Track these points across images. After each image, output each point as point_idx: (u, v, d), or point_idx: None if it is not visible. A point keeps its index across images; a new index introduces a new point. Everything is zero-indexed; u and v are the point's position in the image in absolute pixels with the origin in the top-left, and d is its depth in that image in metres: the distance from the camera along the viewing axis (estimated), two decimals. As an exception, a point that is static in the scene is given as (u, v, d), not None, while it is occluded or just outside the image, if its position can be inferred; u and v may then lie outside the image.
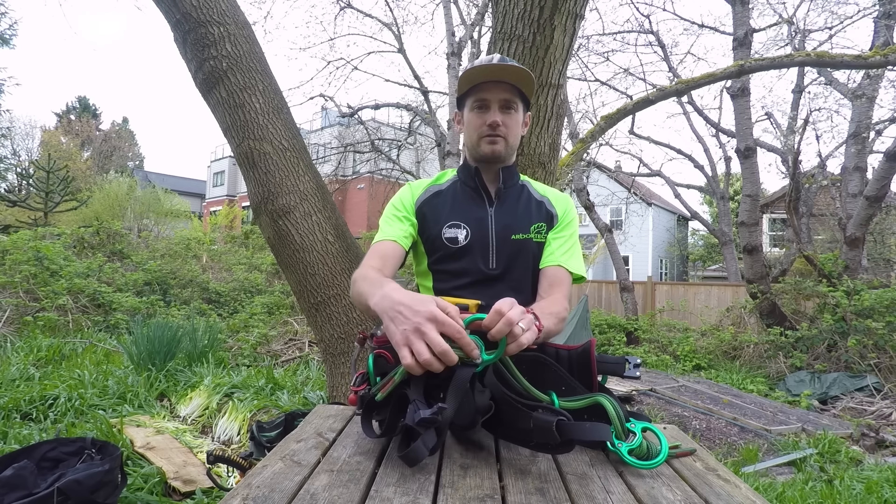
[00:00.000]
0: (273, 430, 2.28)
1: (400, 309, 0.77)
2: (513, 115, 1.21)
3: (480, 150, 1.23)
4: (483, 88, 1.19)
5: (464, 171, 1.29)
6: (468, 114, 1.24)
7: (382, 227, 1.24)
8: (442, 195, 1.27)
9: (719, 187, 12.33)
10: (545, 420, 0.75)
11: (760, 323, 6.79)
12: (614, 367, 0.94)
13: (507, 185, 1.27)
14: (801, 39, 9.05)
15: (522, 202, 1.27)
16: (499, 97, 1.19)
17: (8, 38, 14.61)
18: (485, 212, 1.23)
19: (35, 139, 28.49)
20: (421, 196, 1.27)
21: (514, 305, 0.81)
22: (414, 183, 1.33)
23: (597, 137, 4.56)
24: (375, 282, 0.96)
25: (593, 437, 0.80)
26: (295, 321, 6.79)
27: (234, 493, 0.67)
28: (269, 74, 2.46)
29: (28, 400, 3.21)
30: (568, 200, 1.32)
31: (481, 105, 1.20)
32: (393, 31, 10.06)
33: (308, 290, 2.35)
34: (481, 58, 1.24)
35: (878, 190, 6.05)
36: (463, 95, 1.25)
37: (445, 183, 1.30)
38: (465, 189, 1.27)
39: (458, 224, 1.21)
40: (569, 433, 0.74)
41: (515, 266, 1.21)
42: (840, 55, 4.16)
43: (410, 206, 1.26)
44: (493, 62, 1.18)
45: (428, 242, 1.24)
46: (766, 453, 3.33)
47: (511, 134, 1.22)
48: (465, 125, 1.26)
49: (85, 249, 8.71)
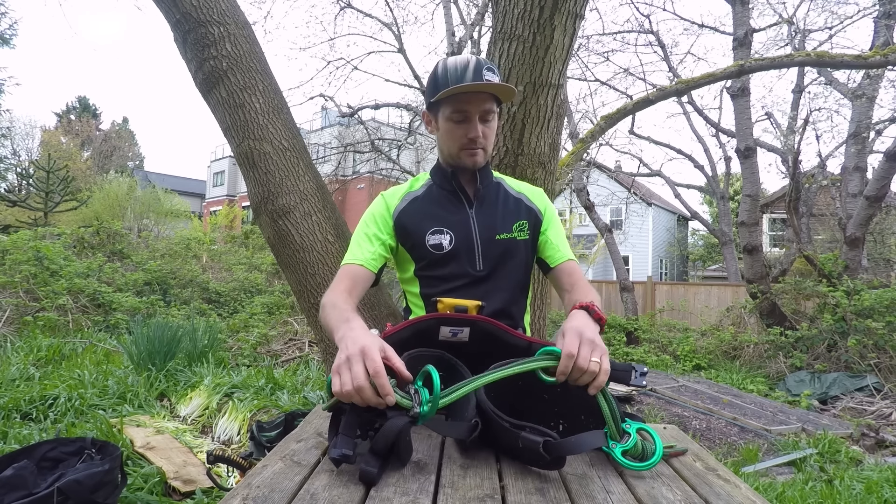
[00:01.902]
0: (273, 430, 2.28)
1: (347, 343, 0.81)
2: (491, 124, 1.19)
3: (461, 161, 1.20)
4: (462, 99, 1.14)
5: (439, 174, 1.27)
6: (445, 122, 1.18)
7: (352, 248, 1.20)
8: (419, 201, 1.25)
9: (719, 187, 12.33)
10: (532, 440, 0.74)
11: (760, 323, 6.78)
12: (621, 374, 0.93)
13: (485, 184, 1.27)
14: (801, 39, 9.05)
15: (501, 201, 1.27)
16: (479, 108, 1.15)
17: (8, 38, 14.59)
18: (466, 214, 1.22)
19: (35, 139, 28.51)
20: (398, 206, 1.24)
21: (583, 342, 0.85)
22: (387, 193, 1.29)
23: (597, 137, 4.56)
24: (342, 315, 0.95)
25: (583, 450, 0.80)
26: (295, 321, 6.79)
27: (234, 493, 0.67)
28: (269, 74, 2.46)
29: (28, 400, 3.21)
30: (541, 192, 1.34)
31: (461, 118, 1.16)
32: (393, 31, 10.06)
33: (308, 290, 2.35)
34: (455, 59, 1.16)
35: (878, 190, 6.05)
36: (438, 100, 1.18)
37: (421, 188, 1.28)
38: (443, 192, 1.25)
39: (440, 230, 1.20)
40: (557, 451, 0.74)
41: (502, 266, 1.21)
42: (840, 55, 4.15)
43: (386, 220, 1.23)
44: (469, 67, 1.12)
45: (412, 251, 1.22)
46: (766, 453, 3.33)
47: (490, 142, 1.21)
48: (442, 133, 1.21)
49: (85, 249, 8.71)
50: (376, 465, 0.72)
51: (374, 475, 0.71)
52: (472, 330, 1.00)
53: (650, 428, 0.85)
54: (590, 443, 0.78)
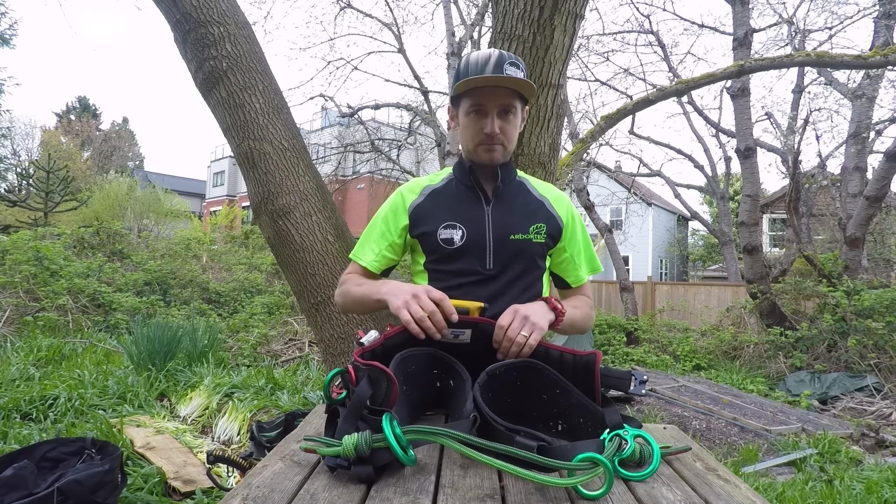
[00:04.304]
0: (273, 430, 2.28)
1: (403, 288, 1.01)
2: (511, 120, 1.16)
3: (477, 157, 1.19)
4: (481, 92, 1.13)
5: (460, 169, 1.25)
6: (464, 117, 1.17)
7: (360, 244, 1.27)
8: (437, 194, 1.24)
9: (719, 187, 12.33)
10: (527, 445, 0.74)
11: (760, 323, 6.78)
12: (619, 382, 0.93)
13: (505, 182, 1.23)
14: (801, 39, 9.05)
15: (520, 201, 1.24)
16: (497, 103, 1.13)
17: (8, 38, 14.62)
18: (482, 211, 1.20)
19: (35, 139, 28.53)
20: (414, 201, 1.24)
21: (516, 318, 0.98)
22: (406, 187, 1.28)
23: (597, 137, 4.56)
24: (375, 282, 1.16)
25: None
26: (295, 321, 6.79)
27: (234, 493, 0.67)
28: (269, 74, 2.46)
29: (28, 400, 3.21)
30: (567, 200, 1.30)
31: (478, 111, 1.14)
32: (393, 31, 10.06)
33: (308, 290, 2.35)
34: (478, 53, 1.15)
35: (878, 190, 6.05)
36: (458, 94, 1.18)
37: (441, 182, 1.26)
38: (461, 188, 1.23)
39: (453, 224, 1.18)
40: (551, 458, 0.74)
41: (513, 266, 1.19)
42: (840, 55, 4.15)
43: (398, 218, 1.23)
44: (490, 60, 1.11)
45: (424, 243, 1.22)
46: (766, 453, 3.33)
47: (509, 139, 1.18)
48: (462, 128, 1.20)
49: (85, 249, 8.71)
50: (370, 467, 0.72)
51: (371, 473, 0.71)
52: (474, 332, 1.00)
53: (648, 435, 0.84)
54: (584, 451, 0.77)
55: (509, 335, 0.96)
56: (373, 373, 0.81)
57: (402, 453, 0.71)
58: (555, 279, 1.32)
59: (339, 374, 0.89)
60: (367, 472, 0.71)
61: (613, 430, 0.82)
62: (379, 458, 0.72)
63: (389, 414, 0.74)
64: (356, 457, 0.72)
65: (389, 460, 0.73)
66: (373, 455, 0.72)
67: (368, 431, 0.73)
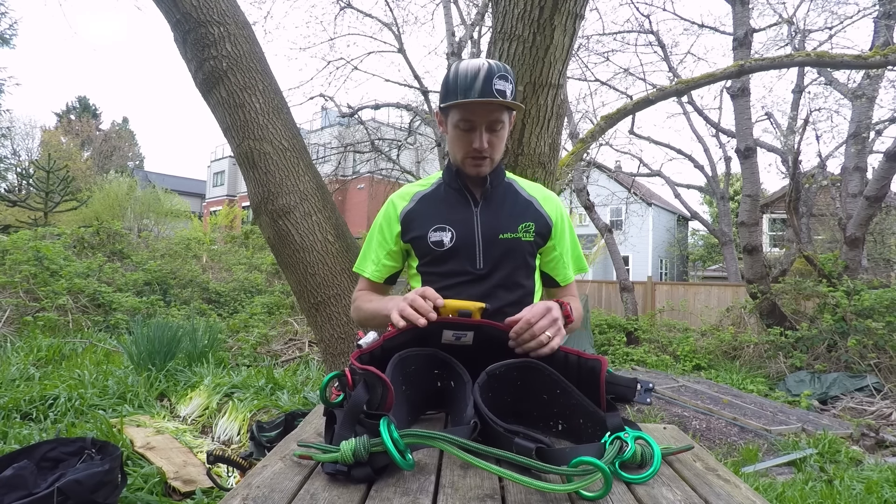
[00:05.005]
0: (273, 430, 2.28)
1: (400, 299, 1.02)
2: (499, 134, 1.17)
3: (465, 170, 1.22)
4: (469, 108, 1.12)
5: (448, 173, 1.28)
6: (452, 129, 1.17)
7: (361, 255, 1.33)
8: (427, 199, 1.27)
9: (719, 187, 12.33)
10: (526, 447, 0.74)
11: (760, 323, 6.78)
12: (624, 390, 0.92)
13: (494, 184, 1.26)
14: (801, 39, 9.05)
15: (509, 201, 1.26)
16: (486, 119, 1.13)
17: (8, 38, 14.61)
18: (470, 213, 1.23)
19: (35, 139, 28.52)
20: (405, 207, 1.26)
21: (546, 317, 0.97)
22: (397, 195, 1.30)
23: (597, 137, 4.56)
24: (383, 298, 1.24)
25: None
26: (295, 321, 6.80)
27: (234, 493, 0.67)
28: (269, 74, 2.46)
29: (28, 400, 3.21)
30: (555, 199, 1.32)
31: (468, 127, 1.14)
32: (393, 31, 10.06)
33: (308, 290, 2.35)
34: (467, 66, 1.12)
35: (878, 190, 6.05)
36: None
37: (431, 187, 1.29)
38: (450, 191, 1.26)
39: (442, 227, 1.21)
40: (550, 460, 0.74)
41: (503, 265, 1.21)
42: (840, 55, 4.15)
43: (391, 227, 1.27)
44: (479, 75, 1.09)
45: (417, 247, 1.24)
46: (766, 453, 3.33)
47: (497, 151, 1.20)
48: (450, 139, 1.21)
49: (85, 249, 8.71)
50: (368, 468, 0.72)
51: (370, 473, 0.71)
52: (476, 334, 1.00)
53: (649, 437, 0.84)
54: (582, 455, 0.77)
55: (534, 332, 0.94)
56: (368, 378, 0.80)
57: (399, 458, 0.71)
58: (544, 278, 1.33)
59: (336, 377, 0.89)
60: (367, 472, 0.71)
61: (614, 432, 0.82)
62: (377, 462, 0.72)
63: (387, 418, 0.74)
64: (354, 461, 0.71)
65: (388, 462, 0.72)
66: (371, 459, 0.72)
67: (366, 436, 0.73)
